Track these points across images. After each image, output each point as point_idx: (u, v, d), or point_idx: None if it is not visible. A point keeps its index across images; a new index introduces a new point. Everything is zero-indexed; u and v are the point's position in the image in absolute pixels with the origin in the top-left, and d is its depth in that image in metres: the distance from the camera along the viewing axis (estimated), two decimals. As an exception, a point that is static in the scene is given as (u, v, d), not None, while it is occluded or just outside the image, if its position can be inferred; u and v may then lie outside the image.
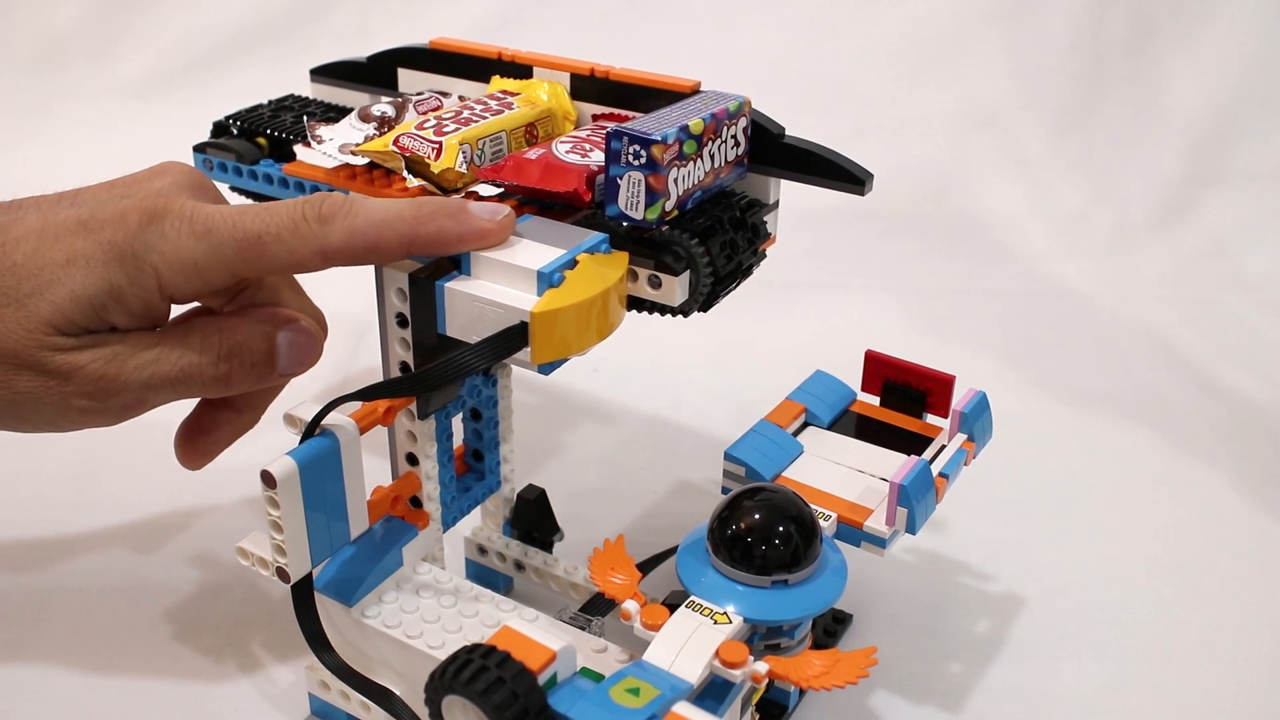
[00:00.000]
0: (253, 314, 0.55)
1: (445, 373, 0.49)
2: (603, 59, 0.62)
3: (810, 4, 1.35)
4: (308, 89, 0.72)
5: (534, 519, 0.68)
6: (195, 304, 0.56)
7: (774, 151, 0.58)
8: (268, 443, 0.73)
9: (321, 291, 1.06)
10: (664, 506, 0.79)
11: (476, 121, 0.58)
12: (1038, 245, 1.21)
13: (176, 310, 0.54)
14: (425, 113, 0.62)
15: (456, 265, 0.52)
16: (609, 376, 0.94)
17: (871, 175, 0.57)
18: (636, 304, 0.56)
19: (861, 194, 0.57)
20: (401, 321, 0.53)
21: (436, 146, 0.56)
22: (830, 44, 1.34)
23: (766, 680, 0.49)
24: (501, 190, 0.58)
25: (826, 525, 0.57)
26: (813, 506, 0.55)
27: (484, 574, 0.70)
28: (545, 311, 0.48)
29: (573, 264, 0.50)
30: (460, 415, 0.63)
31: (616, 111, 0.61)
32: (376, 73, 0.68)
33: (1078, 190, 1.26)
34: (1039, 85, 1.31)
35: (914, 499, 0.55)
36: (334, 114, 0.68)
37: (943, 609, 0.70)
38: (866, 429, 0.65)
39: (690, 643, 0.49)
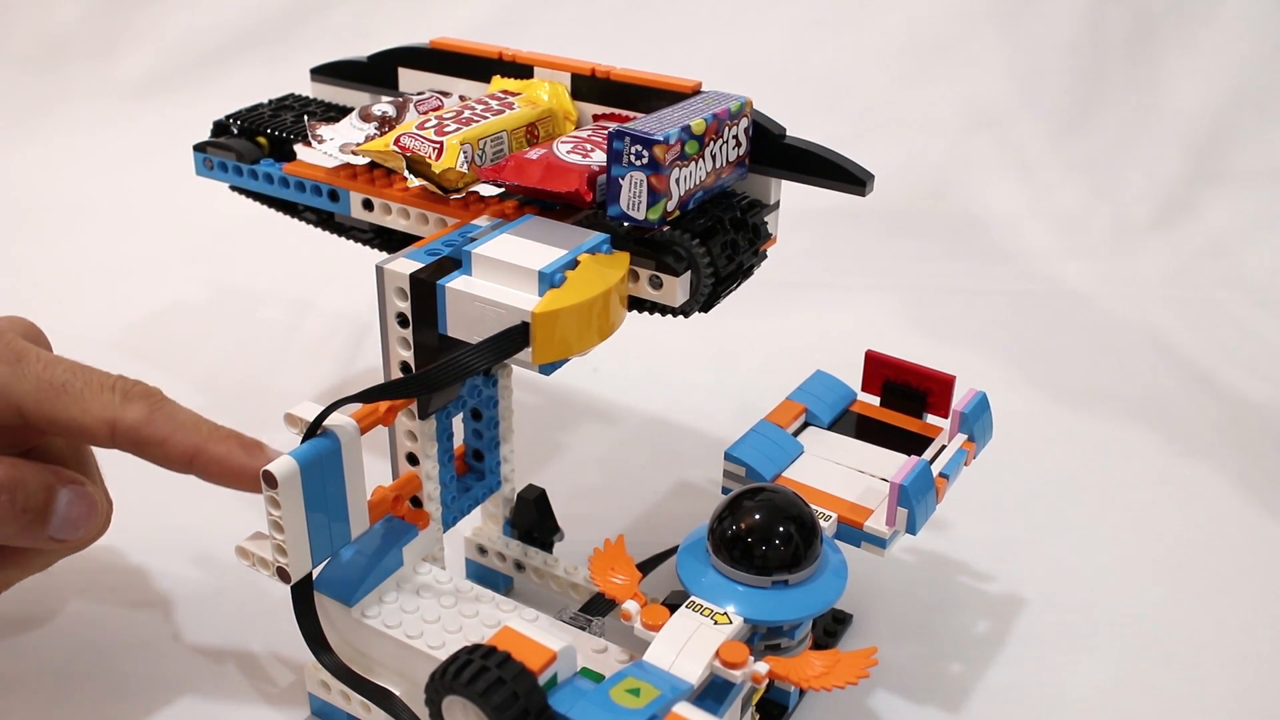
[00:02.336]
0: (39, 462, 0.52)
1: (446, 373, 0.49)
2: (603, 59, 0.62)
3: (810, 4, 1.35)
4: (308, 89, 0.72)
5: (534, 519, 0.68)
6: None
7: (775, 152, 0.58)
8: (268, 443, 0.72)
9: (322, 290, 1.07)
10: (664, 506, 0.79)
11: (477, 121, 0.58)
12: (1038, 245, 1.21)
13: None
14: (426, 112, 0.62)
15: (458, 264, 0.52)
16: (609, 376, 0.94)
17: (872, 176, 0.57)
18: (637, 304, 0.56)
19: (862, 194, 0.57)
20: (402, 321, 0.53)
21: (437, 146, 0.56)
22: (830, 44, 1.34)
23: (766, 680, 0.49)
24: (503, 190, 0.58)
25: (827, 525, 0.57)
26: (813, 506, 0.55)
27: (484, 574, 0.70)
28: (546, 312, 0.48)
29: (574, 264, 0.50)
30: (461, 415, 0.63)
31: (617, 112, 0.61)
32: (377, 72, 0.68)
33: (1078, 190, 1.26)
34: (1039, 85, 1.31)
35: (914, 499, 0.55)
36: (334, 113, 0.68)
37: (943, 609, 0.70)
38: (866, 429, 0.65)
39: (690, 643, 0.49)
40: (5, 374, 0.49)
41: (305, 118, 0.68)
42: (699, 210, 0.55)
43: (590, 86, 0.62)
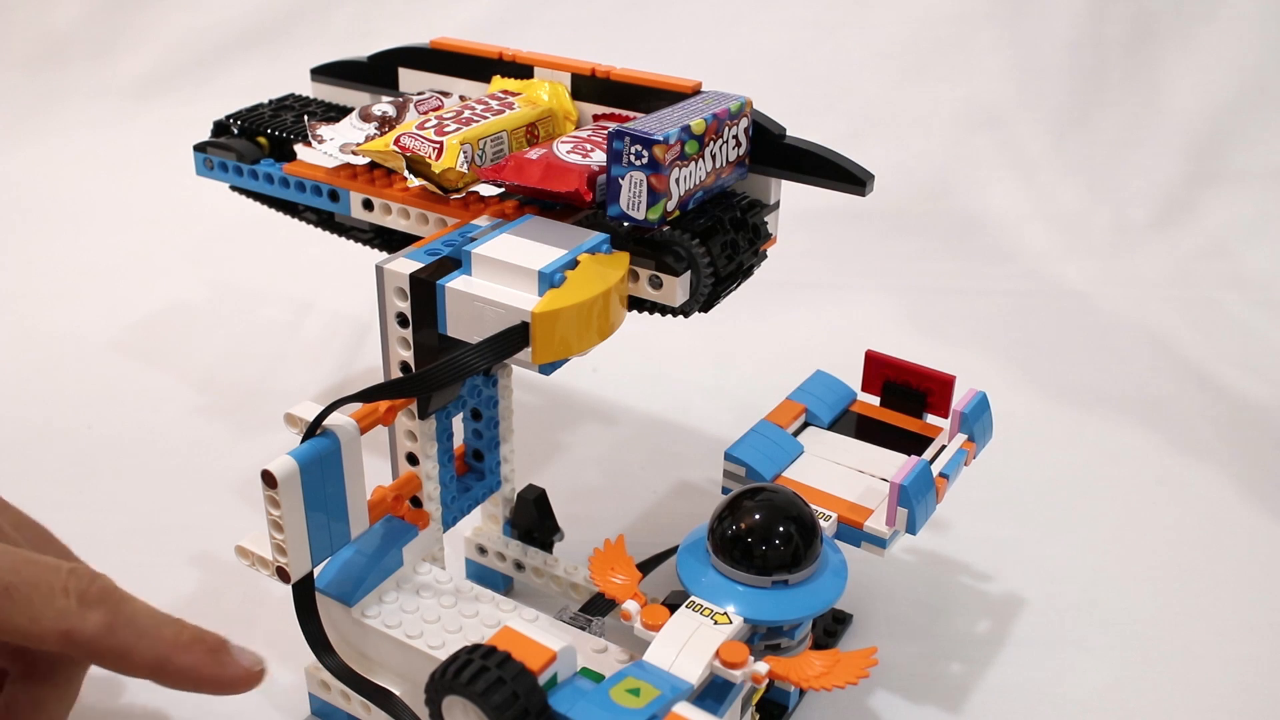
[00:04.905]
0: None
1: (446, 373, 0.49)
2: (603, 59, 0.62)
3: (810, 4, 1.34)
4: (308, 89, 0.72)
5: (534, 519, 0.68)
6: None
7: (775, 152, 0.58)
8: (268, 443, 0.73)
9: (322, 290, 1.07)
10: (664, 506, 0.79)
11: (477, 121, 0.58)
12: (1038, 245, 1.21)
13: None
14: (426, 112, 0.62)
15: (458, 264, 0.52)
16: (609, 376, 0.94)
17: (872, 176, 0.57)
18: (637, 304, 0.56)
19: (862, 194, 0.57)
20: (402, 321, 0.53)
21: (437, 146, 0.56)
22: (830, 44, 1.34)
23: (766, 680, 0.49)
24: (503, 190, 0.58)
25: (827, 525, 0.57)
26: (813, 506, 0.55)
27: (484, 574, 0.70)
28: (546, 312, 0.48)
29: (574, 264, 0.50)
30: (461, 415, 0.63)
31: (617, 112, 0.61)
32: (377, 72, 0.68)
33: (1078, 190, 1.26)
34: (1039, 85, 1.31)
35: (914, 499, 0.55)
36: (335, 113, 0.68)
37: (943, 609, 0.70)
38: (866, 429, 0.65)
39: (690, 643, 0.49)
40: None
41: (305, 118, 0.68)
42: (699, 210, 0.55)
43: (590, 86, 0.62)
